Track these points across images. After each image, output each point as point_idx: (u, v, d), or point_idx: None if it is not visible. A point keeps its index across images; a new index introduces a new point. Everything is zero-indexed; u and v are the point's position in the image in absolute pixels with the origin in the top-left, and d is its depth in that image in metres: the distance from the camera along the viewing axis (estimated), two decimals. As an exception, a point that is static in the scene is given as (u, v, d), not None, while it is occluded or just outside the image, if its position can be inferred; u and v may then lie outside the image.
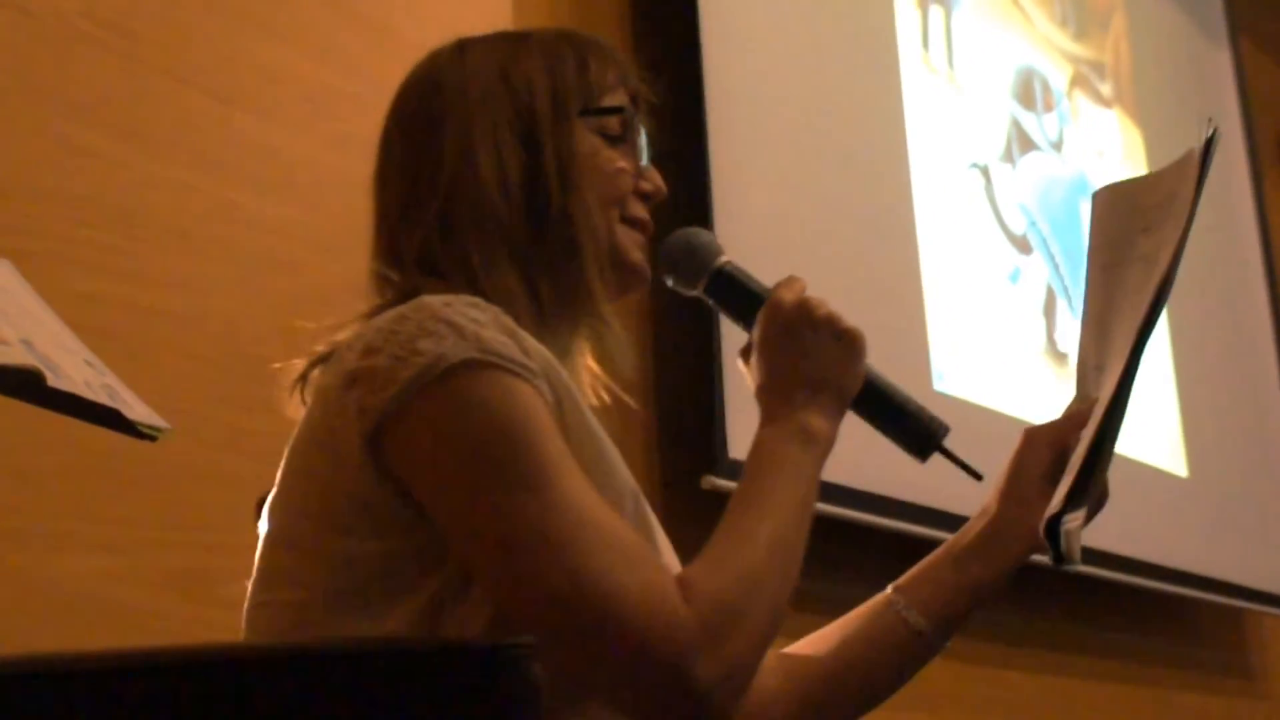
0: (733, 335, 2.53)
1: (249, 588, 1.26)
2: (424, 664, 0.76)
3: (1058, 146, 3.87)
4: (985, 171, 3.50)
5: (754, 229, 2.73)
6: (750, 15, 2.88)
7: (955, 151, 3.42)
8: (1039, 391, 3.49)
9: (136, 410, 1.53)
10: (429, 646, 0.86)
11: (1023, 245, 3.59)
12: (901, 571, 1.48)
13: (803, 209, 2.88)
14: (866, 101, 3.18)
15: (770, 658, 1.46)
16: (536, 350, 1.20)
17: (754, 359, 1.35)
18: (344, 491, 1.18)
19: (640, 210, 1.40)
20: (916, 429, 1.38)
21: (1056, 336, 3.63)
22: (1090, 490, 1.30)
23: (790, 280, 1.36)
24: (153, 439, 1.53)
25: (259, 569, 1.25)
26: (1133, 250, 1.37)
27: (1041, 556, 1.32)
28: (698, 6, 2.70)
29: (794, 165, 2.90)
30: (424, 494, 1.16)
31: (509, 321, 1.20)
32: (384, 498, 1.17)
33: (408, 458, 1.16)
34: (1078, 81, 4.06)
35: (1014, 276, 3.52)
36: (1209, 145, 1.33)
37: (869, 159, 3.12)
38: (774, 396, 1.32)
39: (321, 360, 1.28)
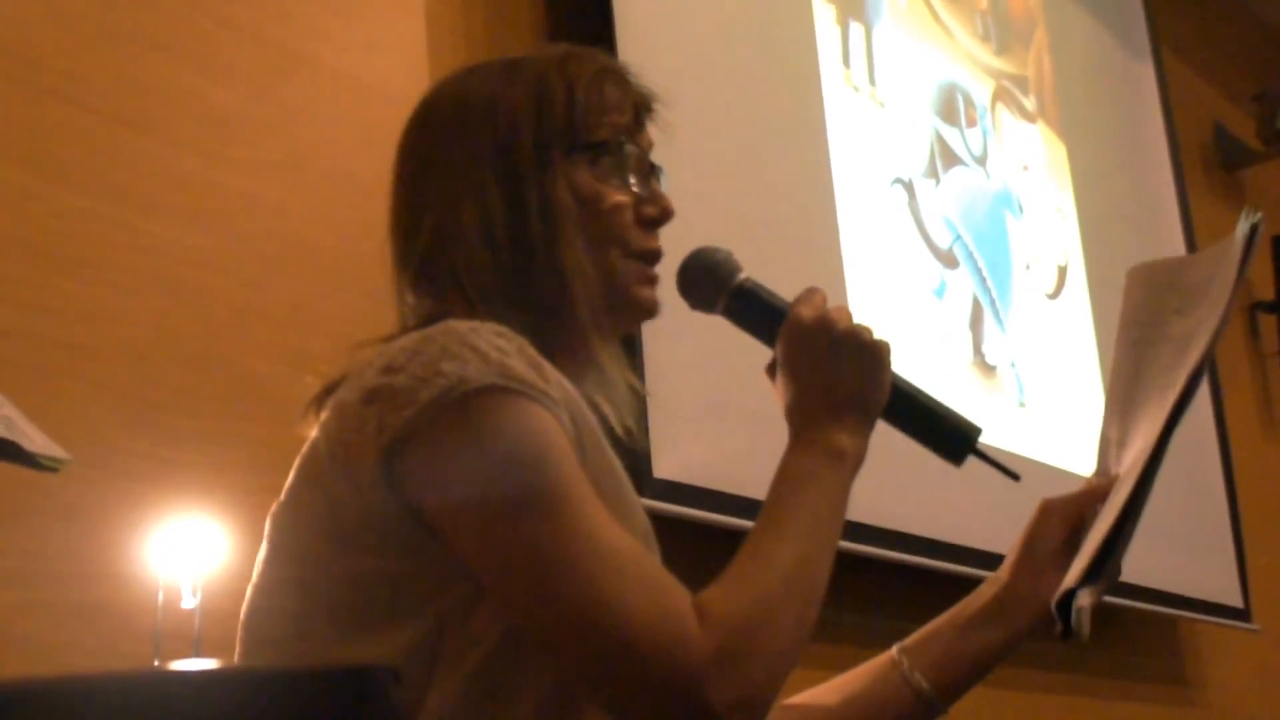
0: (656, 354, 2.53)
1: (248, 593, 1.23)
2: (283, 688, 0.75)
3: (981, 161, 3.89)
4: (909, 187, 3.52)
5: (675, 251, 2.72)
6: (668, 35, 2.88)
7: (879, 168, 3.43)
8: (966, 404, 3.50)
9: (35, 442, 1.51)
10: (288, 671, 0.85)
11: (948, 259, 3.60)
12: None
13: (725, 229, 2.87)
14: (788, 121, 3.18)
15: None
16: (558, 382, 1.19)
17: (779, 378, 1.30)
18: (354, 507, 1.16)
19: (646, 241, 1.36)
20: (950, 433, 1.34)
21: (984, 349, 3.65)
22: (1110, 568, 1.30)
23: (809, 293, 1.32)
24: (54, 470, 1.51)
25: (261, 575, 1.23)
26: (1166, 329, 1.35)
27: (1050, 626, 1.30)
28: (614, 24, 2.70)
29: (716, 186, 2.90)
30: (438, 515, 1.14)
31: (534, 353, 1.18)
32: (394, 516, 1.15)
33: (422, 478, 1.14)
34: (1000, 96, 4.09)
35: (940, 291, 3.54)
36: (1253, 233, 1.32)
37: (792, 178, 3.13)
38: (799, 416, 1.28)
39: (338, 383, 1.24)
